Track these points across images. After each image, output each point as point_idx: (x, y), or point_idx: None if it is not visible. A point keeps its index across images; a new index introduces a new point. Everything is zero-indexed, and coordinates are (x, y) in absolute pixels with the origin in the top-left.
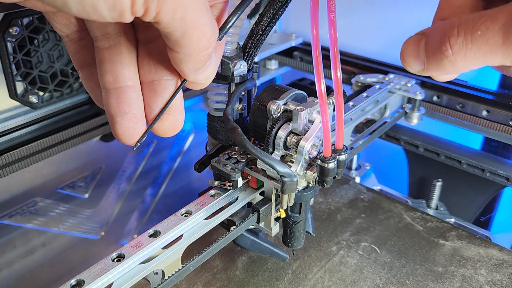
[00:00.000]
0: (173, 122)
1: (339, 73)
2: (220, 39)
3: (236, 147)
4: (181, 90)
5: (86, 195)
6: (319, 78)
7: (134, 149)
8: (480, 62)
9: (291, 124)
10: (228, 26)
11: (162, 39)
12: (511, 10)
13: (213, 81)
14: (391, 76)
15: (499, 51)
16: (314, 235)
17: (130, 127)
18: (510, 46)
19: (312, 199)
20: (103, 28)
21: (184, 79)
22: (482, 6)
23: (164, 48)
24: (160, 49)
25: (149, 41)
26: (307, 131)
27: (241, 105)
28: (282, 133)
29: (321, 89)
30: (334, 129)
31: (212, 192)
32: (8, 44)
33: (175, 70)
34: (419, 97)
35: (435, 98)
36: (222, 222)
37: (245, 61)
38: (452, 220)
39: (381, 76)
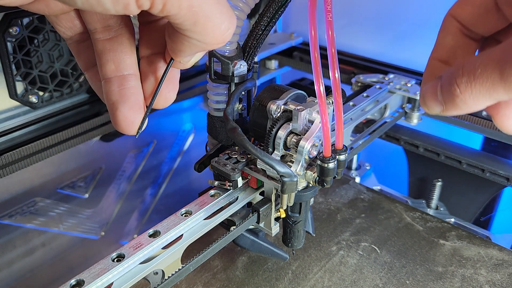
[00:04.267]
0: (166, 98)
1: (337, 74)
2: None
3: (236, 147)
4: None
5: (86, 195)
6: (318, 78)
7: (137, 136)
8: (487, 98)
9: (291, 124)
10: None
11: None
12: (504, 48)
13: (213, 81)
14: (391, 76)
15: (499, 85)
16: (314, 235)
17: (131, 114)
18: (508, 80)
19: (312, 199)
20: (105, 20)
21: (172, 59)
22: (474, 47)
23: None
24: (155, 29)
25: (145, 23)
26: (307, 131)
27: (241, 105)
28: (282, 133)
29: (320, 89)
30: (334, 129)
31: (212, 192)
32: (8, 44)
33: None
34: (419, 97)
35: None
36: (222, 222)
37: (245, 61)
38: (452, 220)
39: (381, 76)
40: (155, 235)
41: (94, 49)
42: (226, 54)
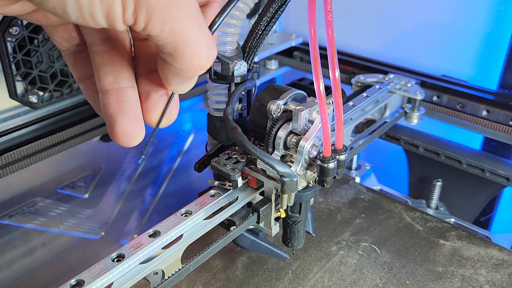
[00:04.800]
0: (168, 117)
1: (337, 73)
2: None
3: (236, 147)
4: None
5: (86, 195)
6: (318, 78)
7: (140, 161)
8: None
9: (291, 124)
10: (214, 27)
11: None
12: None
13: (213, 81)
14: (391, 76)
15: None
16: (314, 235)
17: (130, 126)
18: None
19: (312, 199)
20: (103, 33)
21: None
22: None
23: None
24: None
25: (141, 39)
26: (307, 131)
27: (241, 105)
28: (282, 133)
29: (320, 89)
30: (334, 129)
31: (212, 192)
32: (8, 44)
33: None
34: (419, 97)
35: (435, 98)
36: (222, 222)
37: (245, 61)
38: (452, 220)
39: (381, 76)
40: (155, 235)
41: (92, 61)
42: (226, 54)
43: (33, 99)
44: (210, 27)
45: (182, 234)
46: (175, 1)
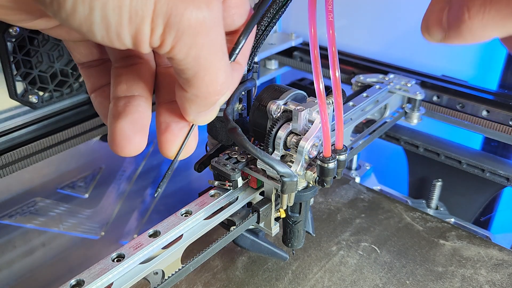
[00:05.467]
0: (187, 150)
1: (338, 73)
2: (233, 60)
3: (236, 147)
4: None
5: (86, 195)
6: (318, 78)
7: (156, 195)
8: (498, 27)
9: (291, 124)
10: (237, 50)
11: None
12: None
13: None
14: (391, 76)
15: None
16: (314, 235)
17: (130, 129)
18: None
19: (312, 199)
20: (127, 52)
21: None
22: None
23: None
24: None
25: (166, 66)
26: (307, 131)
27: (241, 105)
28: (282, 133)
29: (320, 89)
30: (334, 129)
31: (212, 192)
32: (8, 44)
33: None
34: (419, 97)
35: (435, 98)
36: (222, 222)
37: None
38: (452, 220)
39: (381, 76)
40: (155, 235)
41: (111, 73)
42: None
43: (33, 99)
44: (234, 48)
45: (182, 234)
46: (206, 27)
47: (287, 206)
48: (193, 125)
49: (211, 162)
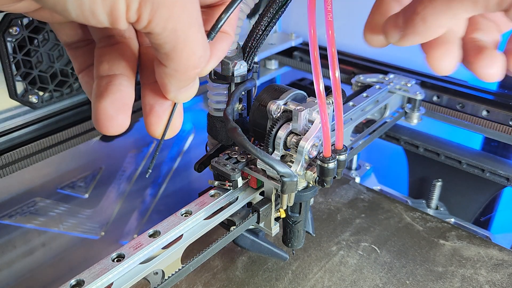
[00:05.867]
0: (172, 129)
1: (337, 73)
2: (211, 39)
3: (236, 147)
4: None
5: (86, 195)
6: (318, 78)
7: (147, 175)
8: (449, 12)
9: (291, 124)
10: (219, 25)
11: None
12: None
13: (213, 81)
14: (391, 76)
15: None
16: (314, 235)
17: (112, 108)
18: None
19: (312, 199)
20: (109, 30)
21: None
22: None
23: None
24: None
25: (148, 46)
26: (307, 131)
27: (241, 105)
28: (282, 133)
29: (320, 89)
30: (334, 129)
31: (212, 192)
32: (8, 44)
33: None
34: (419, 97)
35: (435, 98)
36: (222, 222)
37: (245, 61)
38: (452, 220)
39: (381, 76)
40: (155, 235)
41: (94, 53)
42: (226, 54)
43: (33, 99)
44: (213, 27)
45: (182, 234)
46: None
47: (287, 206)
48: (175, 104)
49: (211, 162)
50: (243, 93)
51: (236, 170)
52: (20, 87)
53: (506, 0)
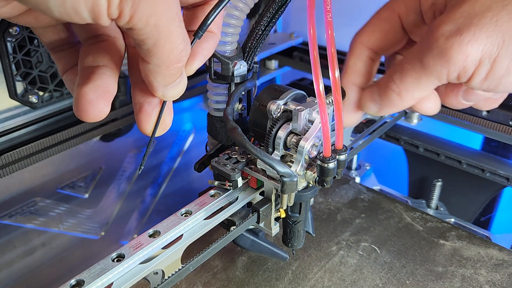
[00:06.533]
0: (162, 126)
1: (337, 73)
2: (199, 37)
3: (236, 147)
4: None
5: (86, 195)
6: (317, 78)
7: (139, 171)
8: (416, 87)
9: (291, 124)
10: (207, 24)
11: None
12: (420, 44)
13: (213, 81)
14: None
15: (423, 73)
16: (314, 235)
17: (93, 95)
18: (427, 67)
19: (312, 199)
20: (93, 31)
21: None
22: (375, 68)
23: None
24: None
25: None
26: (307, 131)
27: (241, 105)
28: (282, 133)
29: (320, 89)
30: (334, 129)
31: (212, 192)
32: (8, 44)
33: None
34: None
35: None
36: (222, 222)
37: (245, 61)
38: (452, 220)
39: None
40: (155, 235)
41: (80, 52)
42: (226, 54)
43: (33, 99)
44: (201, 25)
45: (182, 234)
46: None
47: (287, 206)
48: (164, 102)
49: (211, 162)
50: (243, 93)
51: (236, 170)
52: (20, 87)
53: (463, 74)
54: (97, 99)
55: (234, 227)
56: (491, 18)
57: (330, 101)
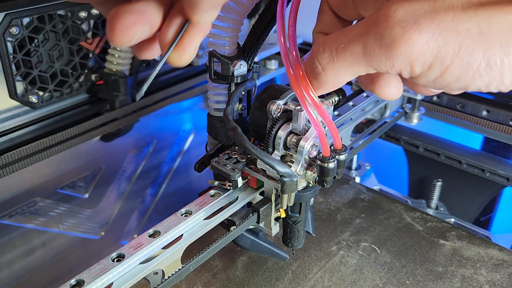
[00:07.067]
0: (183, 54)
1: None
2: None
3: (236, 147)
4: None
5: (86, 195)
6: (296, 86)
7: (137, 99)
8: (349, 72)
9: (291, 124)
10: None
11: None
12: (368, 22)
13: (213, 81)
14: None
15: (362, 60)
16: (314, 235)
17: (131, 15)
18: (370, 54)
19: (312, 199)
20: None
21: (186, 21)
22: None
23: None
24: None
25: None
26: (307, 131)
27: (241, 105)
28: (282, 133)
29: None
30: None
31: (212, 192)
32: (8, 44)
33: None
34: (419, 97)
35: (435, 98)
36: (222, 222)
37: (245, 61)
38: (452, 220)
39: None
40: (155, 235)
41: None
42: (226, 54)
43: (33, 99)
44: None
45: (182, 234)
46: None
47: (287, 206)
48: (186, 22)
49: (211, 162)
50: (243, 93)
51: (236, 170)
52: (20, 87)
53: (406, 72)
54: (133, 24)
55: (234, 227)
56: (452, 20)
57: (331, 101)
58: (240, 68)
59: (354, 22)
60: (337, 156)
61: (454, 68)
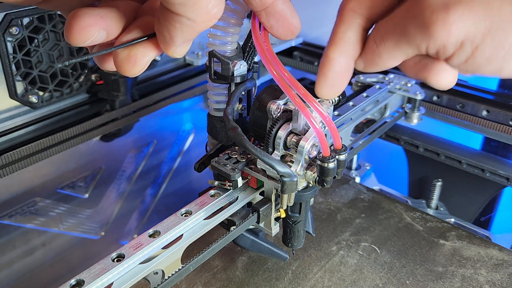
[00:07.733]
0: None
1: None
2: None
3: (236, 147)
4: None
5: (86, 195)
6: (288, 89)
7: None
8: (397, 51)
9: (291, 124)
10: None
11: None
12: (404, 8)
13: (213, 81)
14: (391, 76)
15: (403, 40)
16: (314, 235)
17: (90, 16)
18: (407, 34)
19: (312, 199)
20: None
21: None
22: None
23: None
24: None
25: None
26: (307, 131)
27: (241, 105)
28: (282, 133)
29: (295, 96)
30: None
31: (212, 192)
32: (8, 44)
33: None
34: (419, 97)
35: (435, 98)
36: (222, 222)
37: (245, 61)
38: (452, 220)
39: (381, 76)
40: (155, 235)
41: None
42: (226, 54)
43: (33, 99)
44: None
45: (182, 234)
46: None
47: (287, 206)
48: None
49: (211, 162)
50: (243, 93)
51: (236, 170)
52: (20, 87)
53: (442, 52)
54: (90, 23)
55: (234, 227)
56: (482, 0)
57: (331, 101)
58: (240, 68)
59: None
60: (337, 156)
61: (485, 47)
